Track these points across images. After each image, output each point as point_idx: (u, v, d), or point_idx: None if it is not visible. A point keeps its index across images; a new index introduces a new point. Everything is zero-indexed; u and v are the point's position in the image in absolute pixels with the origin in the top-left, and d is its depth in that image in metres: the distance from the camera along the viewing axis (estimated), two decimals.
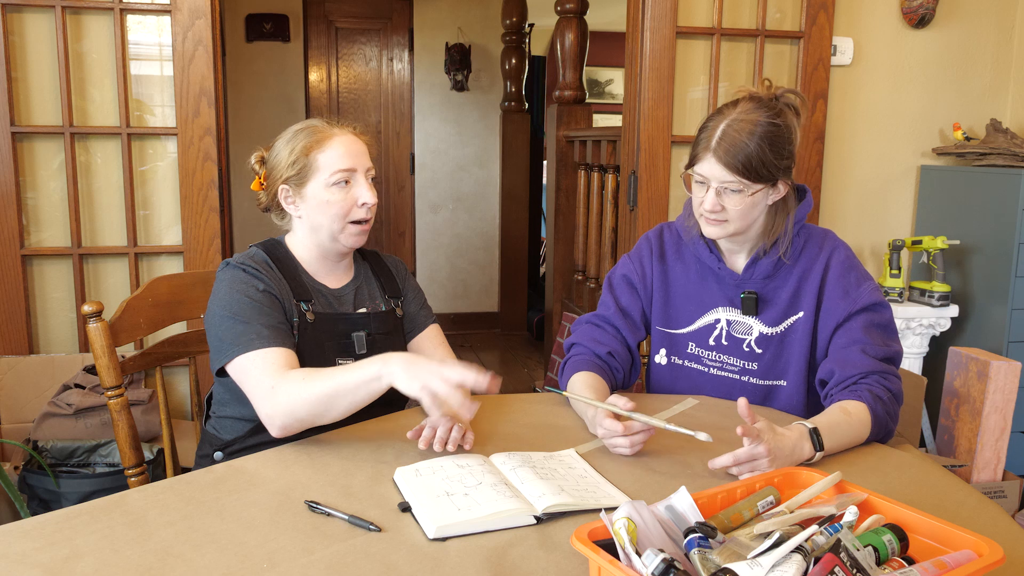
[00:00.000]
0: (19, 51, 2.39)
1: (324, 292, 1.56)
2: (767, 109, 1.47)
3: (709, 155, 1.46)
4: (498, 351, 5.29)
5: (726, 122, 1.46)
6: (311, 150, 1.50)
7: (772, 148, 1.44)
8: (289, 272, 1.52)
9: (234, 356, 1.37)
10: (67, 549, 1.00)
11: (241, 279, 1.45)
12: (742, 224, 1.51)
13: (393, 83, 5.50)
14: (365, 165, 1.53)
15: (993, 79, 3.05)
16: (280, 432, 1.33)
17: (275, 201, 1.56)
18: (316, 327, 1.49)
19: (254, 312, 1.40)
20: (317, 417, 1.32)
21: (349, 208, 1.51)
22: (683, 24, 2.72)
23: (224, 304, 1.43)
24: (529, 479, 1.18)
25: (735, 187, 1.46)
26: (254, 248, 1.55)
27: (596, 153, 3.80)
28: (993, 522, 1.11)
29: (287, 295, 1.48)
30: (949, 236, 2.90)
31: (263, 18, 5.12)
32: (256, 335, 1.37)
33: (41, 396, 2.35)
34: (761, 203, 1.51)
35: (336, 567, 0.97)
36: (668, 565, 0.81)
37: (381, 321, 1.59)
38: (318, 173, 1.50)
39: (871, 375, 1.45)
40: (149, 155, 2.54)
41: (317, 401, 1.29)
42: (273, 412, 1.32)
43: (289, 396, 1.30)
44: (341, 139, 1.52)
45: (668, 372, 1.67)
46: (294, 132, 1.55)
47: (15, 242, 2.41)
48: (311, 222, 1.53)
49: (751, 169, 1.44)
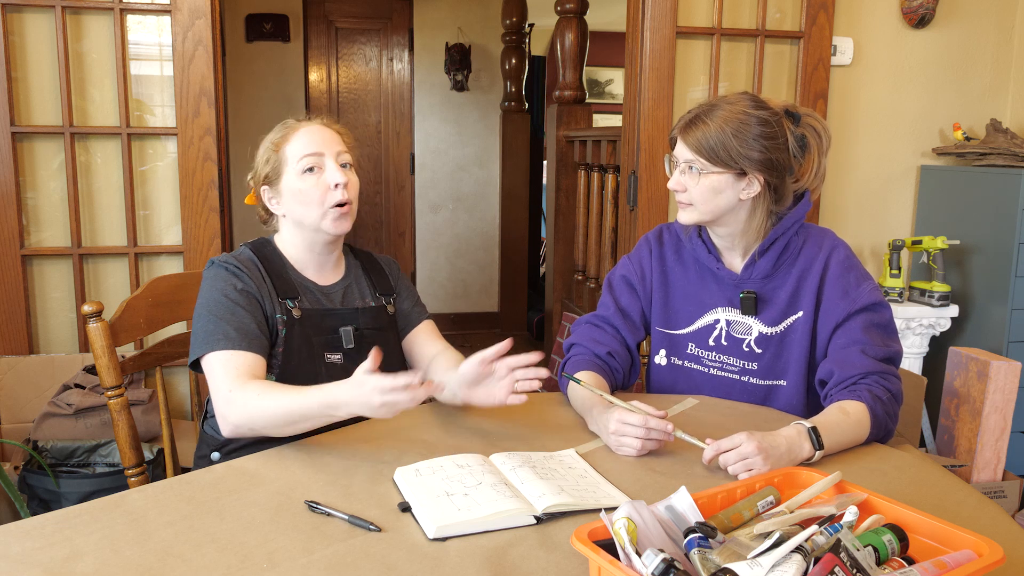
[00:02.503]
0: (19, 51, 2.39)
1: (312, 289, 1.56)
2: (754, 104, 1.50)
3: (679, 135, 1.53)
4: None
5: (705, 106, 1.52)
6: (280, 145, 1.53)
7: (737, 135, 1.47)
8: (275, 270, 1.53)
9: (200, 354, 1.41)
10: (67, 549, 1.00)
11: (222, 277, 1.47)
12: (705, 209, 1.52)
13: (393, 83, 5.50)
14: (334, 149, 1.54)
15: (993, 79, 3.05)
16: (230, 434, 1.37)
17: (263, 206, 1.59)
18: (303, 323, 1.50)
19: (226, 311, 1.42)
20: (272, 431, 1.34)
21: (324, 193, 1.51)
22: (683, 24, 2.72)
23: (202, 301, 1.46)
24: (529, 479, 1.18)
25: (696, 166, 1.50)
26: (242, 247, 1.57)
27: (596, 153, 3.80)
28: (993, 522, 1.11)
29: (270, 294, 1.49)
30: (949, 236, 2.90)
31: (263, 18, 5.12)
32: (224, 335, 1.39)
33: (41, 396, 2.35)
34: (726, 191, 1.50)
35: (336, 567, 0.97)
36: (668, 565, 0.81)
37: (370, 317, 1.59)
38: (288, 164, 1.52)
39: (871, 375, 1.44)
40: (149, 155, 2.54)
41: (274, 416, 1.32)
42: (227, 414, 1.35)
43: (245, 406, 1.33)
44: (307, 129, 1.54)
45: (668, 372, 1.67)
46: (268, 136, 1.58)
47: (15, 242, 2.41)
48: (293, 216, 1.54)
49: (708, 148, 1.48)
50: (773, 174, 1.50)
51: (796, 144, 1.53)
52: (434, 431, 1.42)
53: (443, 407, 1.56)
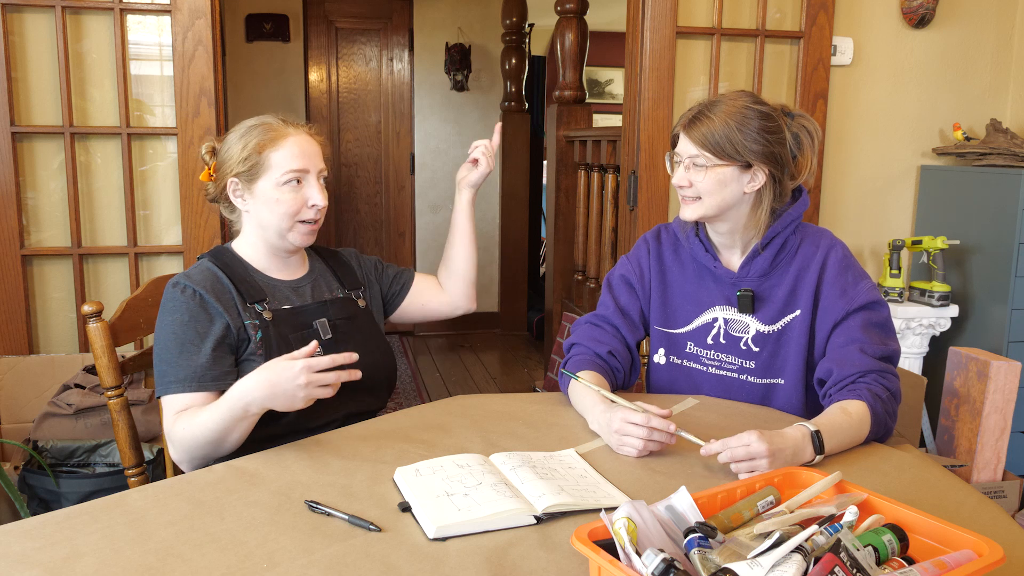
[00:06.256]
0: (19, 51, 2.39)
1: (280, 286, 1.56)
2: (754, 100, 1.52)
3: (682, 132, 1.54)
4: (498, 351, 5.30)
5: (705, 103, 1.54)
6: (264, 148, 1.50)
7: (741, 128, 1.49)
8: (239, 276, 1.52)
9: (158, 396, 1.44)
10: (67, 549, 1.00)
11: (171, 308, 1.45)
12: (712, 202, 1.52)
13: (393, 83, 5.50)
14: (318, 166, 1.53)
15: (993, 79, 3.05)
16: (188, 469, 1.40)
17: (223, 194, 1.55)
18: (276, 324, 1.50)
19: (174, 352, 1.42)
20: (214, 452, 1.36)
21: (299, 208, 1.50)
22: (683, 24, 2.72)
23: (157, 334, 1.46)
24: (529, 479, 1.18)
25: (700, 161, 1.51)
26: (201, 259, 1.55)
27: (596, 153, 3.80)
28: (993, 522, 1.11)
29: (235, 303, 1.48)
30: (949, 236, 2.90)
31: (263, 18, 5.13)
32: (173, 379, 1.41)
33: (41, 396, 2.35)
34: (732, 184, 1.51)
35: (336, 567, 0.97)
36: (668, 565, 0.81)
37: (340, 307, 1.59)
38: (269, 171, 1.50)
39: (869, 374, 1.45)
40: (149, 155, 2.54)
41: (206, 443, 1.35)
42: (173, 454, 1.40)
43: (182, 441, 1.37)
44: (296, 139, 1.51)
45: (667, 372, 1.67)
46: (248, 128, 1.53)
47: (15, 242, 2.41)
48: (258, 218, 1.53)
49: (713, 143, 1.49)
50: (776, 167, 1.52)
51: (793, 140, 1.54)
52: (434, 431, 1.42)
53: (443, 407, 1.56)
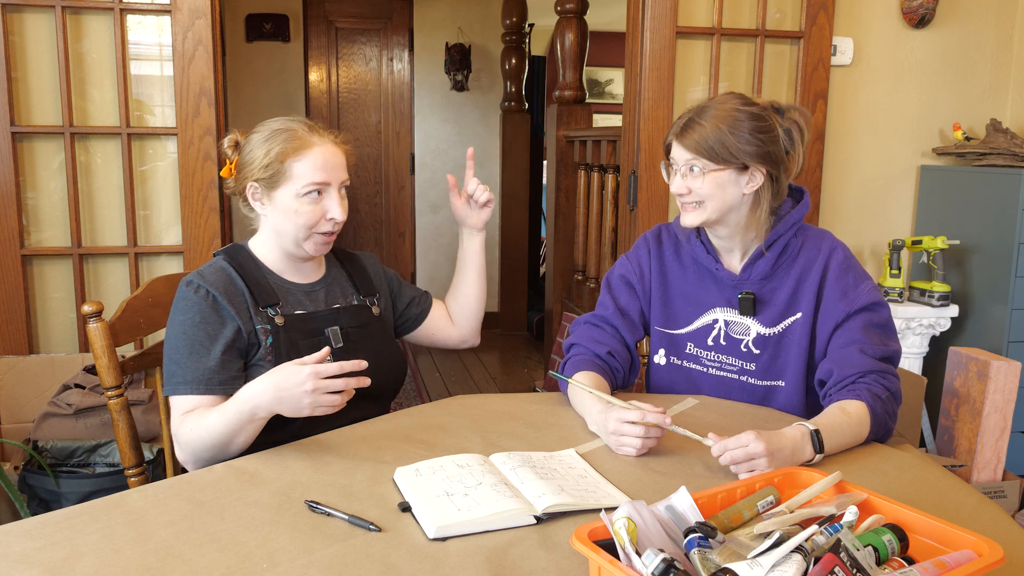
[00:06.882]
0: (19, 51, 2.39)
1: (294, 290, 1.54)
2: (743, 101, 1.52)
3: (675, 140, 1.54)
4: (498, 351, 5.29)
5: (695, 110, 1.54)
6: (287, 157, 1.46)
7: (733, 131, 1.48)
8: (253, 278, 1.50)
9: (166, 394, 1.44)
10: (67, 549, 1.00)
11: (184, 307, 1.44)
12: (713, 206, 1.52)
13: (393, 83, 5.51)
14: (340, 178, 1.50)
15: (993, 79, 3.05)
16: (192, 469, 1.39)
17: (243, 195, 1.54)
18: (287, 329, 1.48)
19: (184, 353, 1.41)
20: (220, 454, 1.36)
21: (316, 220, 1.48)
22: (683, 24, 2.72)
23: (168, 332, 1.46)
24: (529, 479, 1.18)
25: (696, 166, 1.51)
26: (216, 257, 1.54)
27: (596, 153, 3.80)
28: (993, 522, 1.11)
29: (248, 307, 1.46)
30: (949, 236, 2.90)
31: (263, 18, 5.13)
32: (181, 380, 1.41)
33: (41, 396, 2.35)
34: (731, 187, 1.51)
35: (336, 567, 0.97)
36: (668, 565, 0.81)
37: (352, 315, 1.58)
38: (290, 182, 1.47)
39: (869, 374, 1.45)
40: (149, 155, 2.54)
41: (212, 445, 1.34)
42: (179, 454, 1.40)
43: (188, 442, 1.36)
44: (320, 149, 1.48)
45: (667, 372, 1.67)
46: (272, 132, 1.49)
47: (15, 242, 2.41)
48: (275, 225, 1.51)
49: (707, 148, 1.49)
50: (773, 166, 1.52)
51: (786, 137, 1.54)
52: (434, 431, 1.42)
53: (443, 407, 1.56)
